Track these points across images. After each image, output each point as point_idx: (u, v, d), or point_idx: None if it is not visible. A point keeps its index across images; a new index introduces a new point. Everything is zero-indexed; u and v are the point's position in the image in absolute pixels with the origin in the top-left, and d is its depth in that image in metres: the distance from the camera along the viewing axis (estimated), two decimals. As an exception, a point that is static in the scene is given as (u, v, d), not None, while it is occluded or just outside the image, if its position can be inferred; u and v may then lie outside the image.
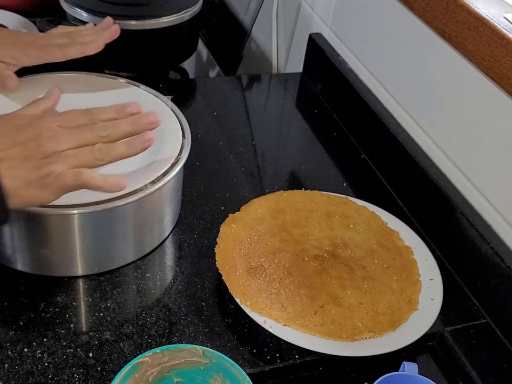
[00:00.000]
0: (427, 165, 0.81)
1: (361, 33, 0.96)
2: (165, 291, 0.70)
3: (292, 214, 0.77)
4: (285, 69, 1.22)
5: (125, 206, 0.65)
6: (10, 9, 1.11)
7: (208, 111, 1.00)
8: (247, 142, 0.94)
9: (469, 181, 0.76)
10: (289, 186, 0.86)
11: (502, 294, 0.69)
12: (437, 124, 0.81)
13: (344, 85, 0.98)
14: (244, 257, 0.70)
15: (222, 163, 0.89)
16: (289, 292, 0.67)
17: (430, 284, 0.71)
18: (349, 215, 0.78)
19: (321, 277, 0.69)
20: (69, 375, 0.60)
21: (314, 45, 1.06)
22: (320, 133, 0.99)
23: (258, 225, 0.74)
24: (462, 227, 0.74)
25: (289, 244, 0.73)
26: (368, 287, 0.69)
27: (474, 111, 0.75)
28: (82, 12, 0.98)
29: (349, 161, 0.94)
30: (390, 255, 0.74)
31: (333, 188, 0.86)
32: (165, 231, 0.75)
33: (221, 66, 1.30)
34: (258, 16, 1.23)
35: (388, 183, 0.89)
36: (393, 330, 0.66)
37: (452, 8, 0.72)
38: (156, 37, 1.02)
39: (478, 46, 0.69)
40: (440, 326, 0.69)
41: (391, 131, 0.87)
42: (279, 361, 0.64)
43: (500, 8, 0.70)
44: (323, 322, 0.65)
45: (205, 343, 0.64)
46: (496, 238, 0.72)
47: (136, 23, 0.99)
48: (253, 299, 0.66)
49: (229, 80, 1.18)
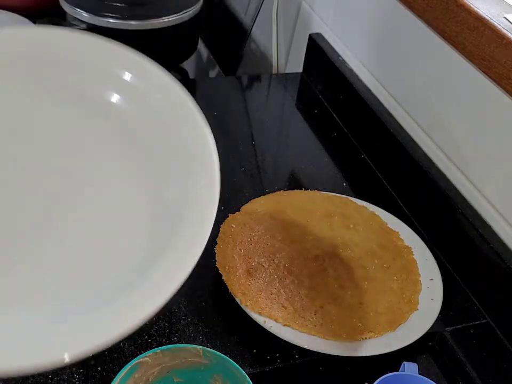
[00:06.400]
0: (427, 165, 0.81)
1: (361, 33, 0.96)
2: (165, 291, 0.70)
3: (292, 214, 0.77)
4: (285, 69, 1.22)
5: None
6: (10, 9, 1.11)
7: (208, 111, 0.99)
8: (247, 142, 0.94)
9: (469, 181, 0.76)
10: (289, 186, 0.86)
11: (502, 294, 0.69)
12: (437, 124, 0.81)
13: (344, 85, 0.98)
14: (243, 257, 0.70)
15: (222, 163, 0.89)
16: (289, 292, 0.67)
17: (430, 284, 0.71)
18: (349, 215, 0.78)
19: (321, 277, 0.69)
20: (69, 375, 0.60)
21: (314, 45, 1.06)
22: (320, 133, 0.99)
23: (258, 225, 0.74)
24: (462, 227, 0.75)
25: (289, 244, 0.73)
26: (368, 287, 0.69)
27: (474, 111, 0.75)
28: (83, 12, 0.98)
29: (349, 161, 0.94)
30: (390, 255, 0.74)
31: (333, 187, 0.86)
32: (165, 231, 0.75)
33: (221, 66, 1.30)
34: (258, 16, 1.23)
35: (388, 183, 0.89)
36: (393, 330, 0.66)
37: (452, 8, 0.72)
38: (156, 37, 1.02)
39: (478, 46, 0.69)
40: (440, 326, 0.69)
41: (391, 131, 0.87)
42: (279, 361, 0.64)
43: (499, 8, 0.70)
44: (323, 322, 0.65)
45: (205, 343, 0.64)
46: (496, 238, 0.72)
47: (136, 23, 0.99)
48: (253, 299, 0.66)
49: (229, 80, 1.18)
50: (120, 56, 0.56)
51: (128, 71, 0.55)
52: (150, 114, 0.52)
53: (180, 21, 1.02)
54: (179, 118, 0.51)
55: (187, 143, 0.49)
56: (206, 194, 0.44)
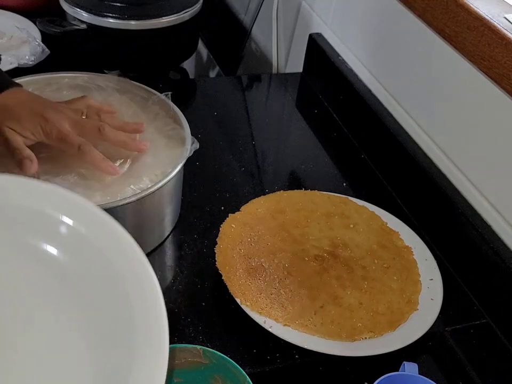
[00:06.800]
0: (427, 165, 0.81)
1: (361, 33, 0.96)
2: (165, 291, 0.69)
3: (292, 214, 0.77)
4: (285, 69, 1.22)
5: (125, 206, 0.65)
6: (10, 9, 1.11)
7: (208, 111, 1.00)
8: (247, 142, 0.94)
9: (469, 181, 0.76)
10: (289, 186, 0.86)
11: (502, 294, 0.69)
12: (437, 124, 0.81)
13: (344, 85, 0.98)
14: (243, 257, 0.70)
15: (222, 163, 0.89)
16: (289, 292, 0.67)
17: (430, 283, 0.71)
18: (349, 215, 0.78)
19: (321, 277, 0.69)
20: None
21: (314, 45, 1.06)
22: (320, 133, 0.99)
23: (258, 225, 0.74)
24: (462, 227, 0.75)
25: (289, 243, 0.73)
26: (368, 287, 0.69)
27: (474, 111, 0.74)
28: (83, 12, 0.98)
29: (349, 161, 0.94)
30: (390, 255, 0.74)
31: (333, 188, 0.86)
32: (165, 231, 0.75)
33: (221, 66, 1.30)
34: (258, 16, 1.23)
35: (388, 183, 0.89)
36: (393, 330, 0.66)
37: (452, 8, 0.72)
38: (156, 37, 1.02)
39: (478, 46, 0.69)
40: (440, 326, 0.69)
41: (391, 131, 0.87)
42: (279, 361, 0.64)
43: (499, 8, 0.70)
44: (323, 322, 0.65)
45: (205, 343, 0.64)
46: (496, 238, 0.72)
47: (136, 23, 0.99)
48: (253, 299, 0.66)
49: (229, 80, 1.18)
50: (60, 200, 0.52)
51: (68, 217, 0.51)
52: (94, 267, 0.50)
53: (180, 21, 1.02)
54: (126, 273, 0.49)
55: (134, 308, 0.47)
56: (152, 365, 0.44)
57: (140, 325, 0.45)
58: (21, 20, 1.09)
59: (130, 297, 0.47)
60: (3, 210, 0.52)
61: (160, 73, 1.11)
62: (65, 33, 0.98)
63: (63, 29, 0.98)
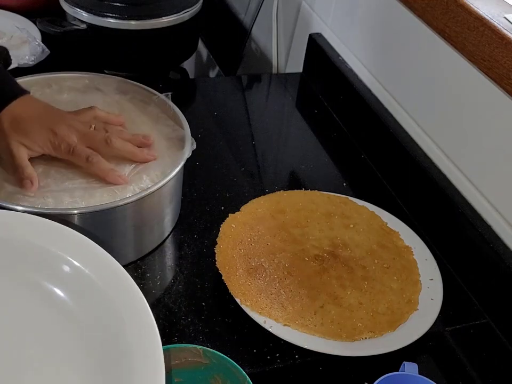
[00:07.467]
0: (427, 165, 0.81)
1: (361, 33, 0.96)
2: (165, 291, 0.70)
3: (292, 214, 0.77)
4: (285, 69, 1.22)
5: (125, 206, 0.65)
6: (10, 9, 1.11)
7: (208, 111, 1.00)
8: (247, 142, 0.94)
9: (469, 181, 0.76)
10: (289, 186, 0.86)
11: (502, 294, 0.69)
12: (437, 124, 0.81)
13: (344, 85, 0.98)
14: (243, 257, 0.70)
15: (222, 163, 0.89)
16: (289, 291, 0.67)
17: (430, 284, 0.71)
18: (349, 215, 0.78)
19: (321, 277, 0.69)
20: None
21: (314, 45, 1.06)
22: (320, 133, 0.99)
23: (258, 225, 0.74)
24: (462, 227, 0.75)
25: (289, 243, 0.73)
26: (368, 287, 0.69)
27: (474, 111, 0.75)
28: (83, 12, 0.98)
29: (349, 161, 0.94)
30: (390, 255, 0.74)
31: (333, 188, 0.86)
32: (165, 231, 0.75)
33: (221, 66, 1.30)
34: (258, 16, 1.23)
35: (388, 183, 0.89)
36: (393, 330, 0.66)
37: (452, 8, 0.72)
38: (156, 37, 1.02)
39: (478, 46, 0.69)
40: (440, 326, 0.69)
41: (391, 131, 0.87)
42: (279, 361, 0.64)
43: (499, 8, 0.70)
44: (323, 322, 0.65)
45: (205, 343, 0.64)
46: (496, 238, 0.72)
47: (136, 23, 0.99)
48: (253, 299, 0.66)
49: (229, 80, 1.18)
50: (64, 239, 0.56)
51: (72, 257, 0.55)
52: (96, 306, 0.53)
53: (180, 21, 1.02)
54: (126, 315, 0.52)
55: (133, 348, 0.51)
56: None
57: (138, 367, 0.49)
58: (21, 20, 1.09)
59: (128, 339, 0.51)
60: (9, 245, 0.55)
61: (160, 73, 1.11)
62: (65, 33, 0.98)
63: (63, 29, 0.98)
